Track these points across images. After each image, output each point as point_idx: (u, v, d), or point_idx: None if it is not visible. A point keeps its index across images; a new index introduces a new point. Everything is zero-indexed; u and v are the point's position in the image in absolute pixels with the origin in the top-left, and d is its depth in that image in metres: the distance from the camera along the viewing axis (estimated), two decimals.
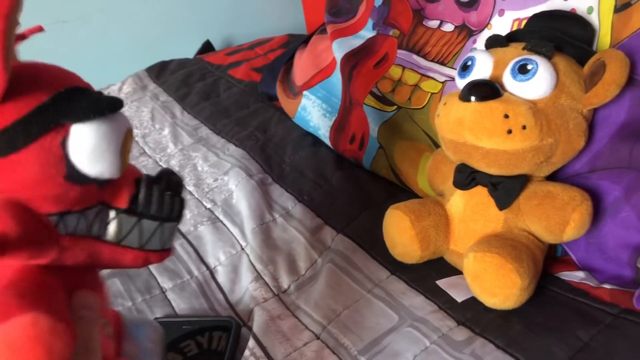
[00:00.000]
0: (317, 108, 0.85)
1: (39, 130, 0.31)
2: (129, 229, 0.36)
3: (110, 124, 0.33)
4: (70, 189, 0.32)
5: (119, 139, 0.33)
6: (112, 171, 0.33)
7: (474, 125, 0.50)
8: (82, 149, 0.32)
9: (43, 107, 0.31)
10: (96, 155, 0.32)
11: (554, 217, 0.51)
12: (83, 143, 0.32)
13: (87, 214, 0.34)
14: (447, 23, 0.70)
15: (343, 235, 0.65)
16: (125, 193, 0.36)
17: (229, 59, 1.16)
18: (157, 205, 0.37)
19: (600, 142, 0.54)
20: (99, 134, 0.32)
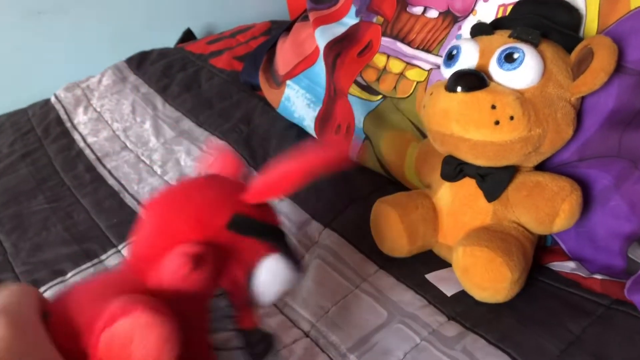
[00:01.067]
0: (301, 98, 0.83)
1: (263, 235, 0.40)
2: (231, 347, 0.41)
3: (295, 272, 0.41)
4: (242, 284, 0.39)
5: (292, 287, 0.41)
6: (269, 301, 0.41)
7: (460, 117, 0.49)
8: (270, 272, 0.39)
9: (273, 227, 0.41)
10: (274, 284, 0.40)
11: (544, 208, 0.50)
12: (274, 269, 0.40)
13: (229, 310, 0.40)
14: (431, 9, 0.69)
15: (330, 229, 0.64)
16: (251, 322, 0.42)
17: (210, 47, 1.14)
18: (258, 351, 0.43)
19: (589, 130, 0.53)
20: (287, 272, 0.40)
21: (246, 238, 0.38)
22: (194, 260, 0.35)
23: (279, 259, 0.39)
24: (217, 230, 0.38)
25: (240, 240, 0.38)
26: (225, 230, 0.38)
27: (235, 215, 0.38)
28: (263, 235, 0.39)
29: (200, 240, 0.37)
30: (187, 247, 0.36)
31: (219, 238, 0.38)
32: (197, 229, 0.38)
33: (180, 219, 0.38)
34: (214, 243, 0.38)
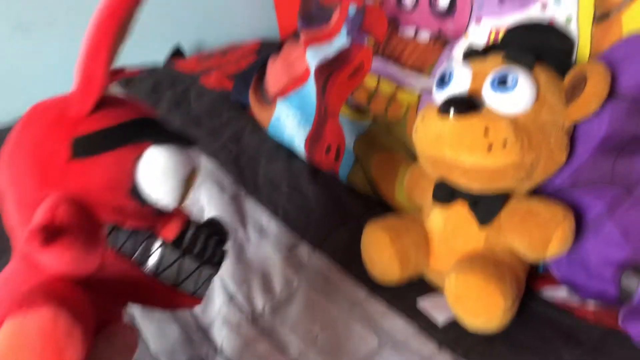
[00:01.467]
0: (291, 118, 0.83)
1: (120, 141, 0.33)
2: (169, 262, 0.37)
3: (181, 155, 0.35)
4: (130, 204, 0.34)
5: (186, 171, 0.35)
6: (170, 199, 0.35)
7: (453, 141, 0.48)
8: (150, 170, 0.34)
9: (129, 123, 0.34)
10: (161, 180, 0.34)
11: (536, 235, 0.50)
12: (153, 164, 0.34)
13: (137, 235, 0.36)
14: (423, 31, 0.68)
15: (320, 252, 0.63)
16: (174, 227, 0.37)
17: (200, 65, 1.13)
18: (202, 246, 0.39)
19: (582, 156, 0.52)
20: (170, 160, 0.34)
21: (103, 155, 0.33)
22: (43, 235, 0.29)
23: (153, 150, 0.34)
24: (62, 170, 0.33)
25: (97, 163, 0.33)
26: (73, 163, 0.33)
27: (74, 139, 0.33)
28: (120, 140, 0.34)
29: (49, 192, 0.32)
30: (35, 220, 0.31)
31: (69, 177, 0.33)
32: (40, 183, 0.33)
33: (17, 180, 0.34)
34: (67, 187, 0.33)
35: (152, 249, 0.37)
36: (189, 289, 0.39)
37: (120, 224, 0.35)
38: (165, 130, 0.36)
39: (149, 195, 0.34)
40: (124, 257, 0.36)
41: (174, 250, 0.37)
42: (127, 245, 0.36)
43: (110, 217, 0.34)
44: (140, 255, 0.36)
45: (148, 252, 0.37)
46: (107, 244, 0.35)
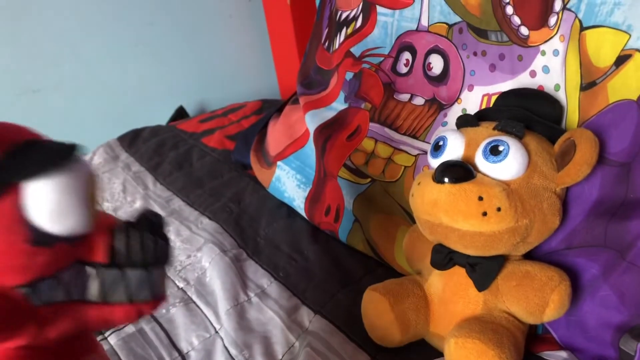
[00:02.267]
0: (291, 179, 0.84)
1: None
2: (112, 283, 0.33)
3: (68, 174, 0.29)
4: (36, 253, 0.29)
5: (82, 188, 0.30)
6: (81, 225, 0.30)
7: (449, 208, 0.50)
8: (43, 208, 0.28)
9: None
10: (60, 211, 0.29)
11: (533, 299, 0.50)
12: (43, 201, 0.28)
13: (63, 277, 0.31)
14: (417, 97, 0.71)
15: (320, 316, 0.63)
16: (101, 245, 0.33)
17: (202, 126, 1.16)
18: (140, 252, 0.34)
19: (576, 219, 0.53)
20: (59, 187, 0.29)
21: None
22: None
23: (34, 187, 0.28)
24: None
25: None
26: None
27: None
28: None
29: None
30: None
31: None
32: None
33: None
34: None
35: (87, 279, 0.33)
36: (146, 296, 0.35)
37: (41, 277, 0.30)
38: (37, 155, 0.29)
39: (55, 233, 0.29)
40: (62, 304, 0.32)
41: (112, 270, 0.33)
42: (56, 293, 0.31)
43: (21, 278, 0.29)
44: (78, 293, 0.32)
45: (84, 284, 0.33)
46: (34, 303, 0.30)
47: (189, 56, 1.39)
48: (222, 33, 1.42)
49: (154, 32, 1.32)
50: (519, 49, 0.60)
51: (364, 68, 0.78)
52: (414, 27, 0.71)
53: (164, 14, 1.32)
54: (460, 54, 0.66)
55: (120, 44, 1.29)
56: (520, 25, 0.59)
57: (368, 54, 0.78)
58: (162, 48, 1.35)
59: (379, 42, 0.76)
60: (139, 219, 0.35)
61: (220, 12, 1.39)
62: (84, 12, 1.22)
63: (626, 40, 0.51)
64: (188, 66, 1.40)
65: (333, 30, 0.85)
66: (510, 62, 0.61)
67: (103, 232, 0.33)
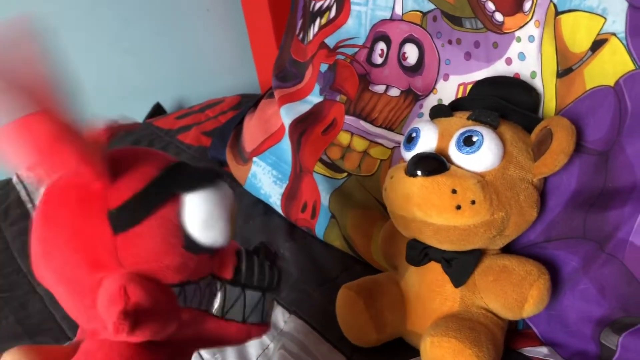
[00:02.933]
0: (267, 175, 0.82)
1: (158, 201, 0.32)
2: (233, 300, 0.36)
3: (218, 192, 0.34)
4: (189, 258, 0.33)
5: (228, 206, 0.34)
6: (223, 239, 0.34)
7: (422, 202, 0.48)
8: (196, 218, 0.32)
9: (158, 179, 0.33)
10: (209, 223, 0.33)
11: (511, 294, 0.49)
12: (197, 211, 0.32)
13: (201, 285, 0.35)
14: (392, 88, 0.69)
15: (295, 316, 0.61)
16: (229, 263, 0.36)
17: (178, 122, 1.13)
18: (259, 275, 0.38)
19: (554, 210, 0.52)
20: (211, 202, 0.33)
21: (145, 221, 0.31)
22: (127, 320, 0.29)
23: (192, 198, 0.32)
24: (109, 250, 0.31)
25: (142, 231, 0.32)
26: (118, 240, 0.31)
27: (110, 215, 0.31)
28: (154, 201, 0.32)
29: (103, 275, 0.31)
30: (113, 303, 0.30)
31: (120, 255, 0.31)
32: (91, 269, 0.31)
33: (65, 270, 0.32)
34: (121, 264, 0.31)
35: (215, 292, 0.36)
36: (257, 318, 0.38)
37: (189, 280, 0.34)
38: (193, 172, 0.34)
39: (204, 242, 0.33)
40: (193, 310, 0.35)
41: (235, 287, 0.37)
42: (195, 298, 0.35)
43: (176, 278, 0.33)
44: (206, 303, 0.36)
45: (212, 297, 0.36)
46: (180, 304, 0.34)
47: (165, 52, 1.36)
48: (199, 27, 1.39)
49: (129, 27, 1.29)
50: (494, 35, 0.58)
51: (338, 59, 0.76)
52: (388, 16, 0.69)
53: (139, 9, 1.29)
54: (435, 42, 0.64)
55: (94, 40, 1.25)
56: (494, 11, 0.57)
57: (342, 44, 0.76)
58: (138, 44, 1.32)
59: (353, 32, 0.74)
60: (258, 247, 0.39)
61: (197, 6, 1.36)
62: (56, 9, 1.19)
63: (602, 24, 0.49)
64: (165, 62, 1.37)
65: (307, 21, 0.83)
66: (486, 49, 0.59)
67: (231, 253, 0.37)
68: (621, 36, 0.48)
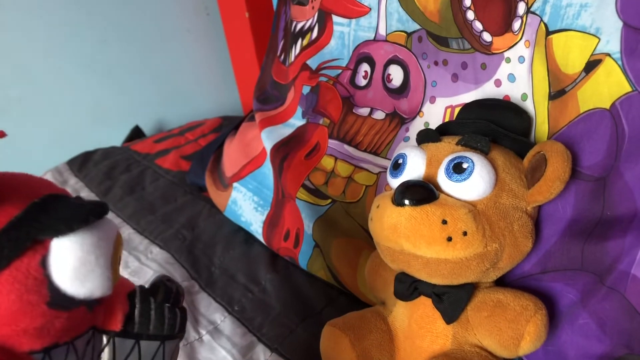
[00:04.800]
0: (248, 201, 0.79)
1: (13, 251, 0.26)
2: (126, 354, 0.32)
3: (96, 232, 0.28)
4: (55, 317, 0.27)
5: (109, 248, 0.28)
6: (103, 288, 0.28)
7: (410, 233, 0.45)
8: (67, 267, 0.27)
9: (15, 222, 0.26)
10: (84, 272, 0.27)
11: (507, 331, 0.45)
12: (67, 260, 0.27)
13: (77, 344, 0.30)
14: (377, 110, 0.66)
15: (277, 354, 0.57)
16: (118, 312, 0.32)
17: (157, 146, 1.10)
18: (156, 322, 0.33)
19: (550, 240, 0.49)
20: (85, 246, 0.27)
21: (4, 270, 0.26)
22: None
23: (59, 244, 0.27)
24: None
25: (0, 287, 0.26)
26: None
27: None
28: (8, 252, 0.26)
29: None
30: None
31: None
32: None
33: None
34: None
35: (101, 348, 0.31)
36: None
37: (56, 343, 0.28)
38: (64, 209, 0.28)
39: (77, 296, 0.27)
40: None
41: (126, 339, 0.32)
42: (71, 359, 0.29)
43: (37, 342, 0.28)
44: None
45: (97, 354, 0.31)
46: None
47: (145, 73, 1.33)
48: (180, 48, 1.36)
49: (108, 49, 1.26)
50: (482, 56, 0.55)
51: (321, 81, 0.73)
52: (371, 37, 0.67)
53: (118, 31, 1.26)
54: (420, 63, 0.61)
55: (71, 63, 1.22)
56: (482, 31, 0.55)
57: (325, 66, 0.73)
58: (117, 66, 1.28)
59: (336, 53, 0.72)
60: (156, 285, 0.34)
61: (177, 27, 1.34)
62: (31, 31, 1.16)
63: (595, 44, 0.47)
64: (145, 84, 1.34)
65: (288, 42, 0.80)
66: (473, 71, 0.56)
67: (121, 298, 0.32)
68: (616, 57, 0.46)
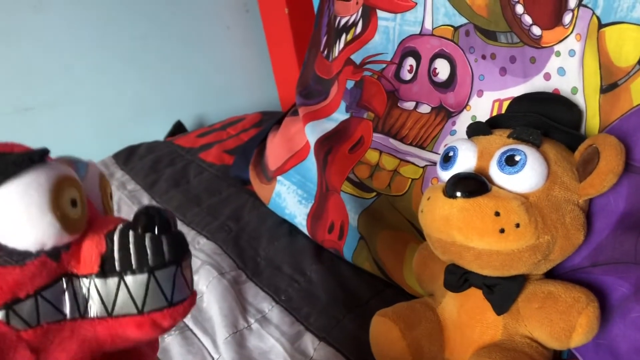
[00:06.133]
0: (292, 194, 0.80)
1: None
2: (112, 294, 0.30)
3: (24, 180, 0.27)
4: (5, 273, 0.27)
5: (44, 194, 0.27)
6: (53, 235, 0.28)
7: (462, 225, 0.45)
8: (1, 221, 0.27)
9: None
10: (21, 223, 0.27)
11: (558, 322, 0.46)
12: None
13: (48, 294, 0.28)
14: (423, 104, 0.67)
15: (325, 343, 0.58)
16: (91, 254, 0.30)
17: (200, 141, 1.12)
18: (137, 254, 0.30)
19: (601, 233, 0.49)
20: (13, 197, 0.27)
21: None
22: None
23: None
24: None
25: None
26: None
27: None
28: None
29: None
30: None
31: None
32: None
33: None
34: None
35: (82, 294, 0.30)
36: (160, 303, 0.31)
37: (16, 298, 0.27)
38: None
39: (20, 248, 0.27)
40: (56, 324, 0.29)
41: (107, 279, 0.30)
42: (43, 312, 0.28)
43: None
44: (72, 310, 0.30)
45: (80, 299, 0.30)
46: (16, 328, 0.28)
47: (185, 70, 1.35)
48: (219, 45, 1.39)
49: (149, 46, 1.29)
50: (531, 50, 0.56)
51: (365, 76, 0.74)
52: (417, 31, 0.67)
53: (159, 27, 1.29)
54: (467, 57, 0.62)
55: (114, 59, 1.25)
56: (531, 24, 0.55)
57: (369, 60, 0.74)
58: (158, 62, 1.31)
59: (380, 48, 0.72)
60: (137, 217, 0.31)
61: (217, 24, 1.36)
62: (76, 29, 1.19)
63: None
64: (186, 80, 1.36)
65: (332, 37, 0.81)
66: (522, 64, 0.57)
67: (97, 239, 0.30)
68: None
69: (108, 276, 0.30)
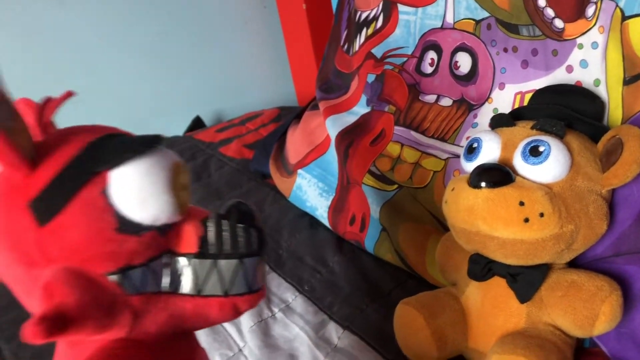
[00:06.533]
0: (313, 187, 0.81)
1: (75, 183, 0.29)
2: (205, 275, 0.33)
3: (150, 160, 0.30)
4: (124, 241, 0.30)
5: (166, 174, 0.31)
6: (167, 213, 0.31)
7: (487, 214, 0.46)
8: (126, 194, 0.29)
9: (75, 159, 0.30)
10: (144, 198, 0.30)
11: (582, 311, 0.46)
12: (125, 187, 0.29)
13: (153, 266, 0.32)
14: (444, 97, 0.67)
15: (349, 331, 0.60)
16: (192, 236, 0.33)
17: (219, 135, 1.13)
18: (231, 241, 0.33)
19: (624, 223, 0.49)
20: (140, 173, 0.30)
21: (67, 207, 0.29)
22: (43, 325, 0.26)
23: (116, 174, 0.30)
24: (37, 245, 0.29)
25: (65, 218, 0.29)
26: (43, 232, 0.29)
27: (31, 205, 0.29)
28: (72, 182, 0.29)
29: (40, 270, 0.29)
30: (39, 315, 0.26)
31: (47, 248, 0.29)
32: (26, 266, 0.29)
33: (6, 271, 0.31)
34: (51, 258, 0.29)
35: (179, 271, 0.33)
36: (242, 289, 0.34)
37: (128, 265, 0.30)
38: (118, 144, 0.31)
39: (143, 221, 0.30)
40: (154, 295, 0.32)
41: (204, 260, 0.33)
42: (148, 282, 0.31)
43: (111, 265, 0.30)
44: (169, 284, 0.32)
45: (176, 276, 0.33)
46: (126, 292, 0.30)
47: (204, 65, 1.36)
48: (237, 40, 1.39)
49: (167, 41, 1.30)
50: (554, 43, 0.56)
51: (386, 69, 0.75)
52: (438, 25, 0.68)
53: (177, 23, 1.30)
54: (489, 50, 0.62)
55: (133, 54, 1.27)
56: (554, 17, 0.56)
57: (390, 54, 0.75)
58: (176, 57, 1.33)
59: (401, 42, 0.73)
60: (229, 209, 0.34)
61: (235, 19, 1.37)
62: (96, 24, 1.21)
63: None
64: (203, 75, 1.37)
65: (352, 31, 0.82)
66: (544, 57, 0.57)
67: (195, 223, 0.33)
68: None
69: (203, 257, 0.33)
